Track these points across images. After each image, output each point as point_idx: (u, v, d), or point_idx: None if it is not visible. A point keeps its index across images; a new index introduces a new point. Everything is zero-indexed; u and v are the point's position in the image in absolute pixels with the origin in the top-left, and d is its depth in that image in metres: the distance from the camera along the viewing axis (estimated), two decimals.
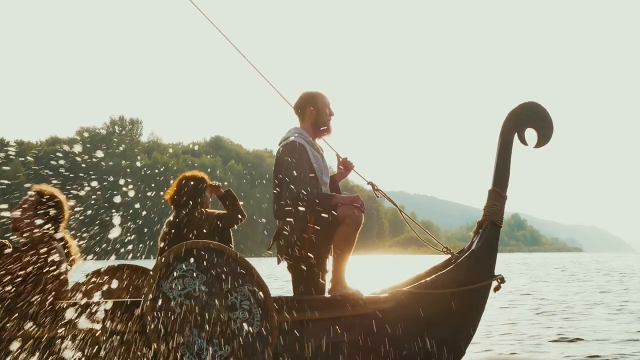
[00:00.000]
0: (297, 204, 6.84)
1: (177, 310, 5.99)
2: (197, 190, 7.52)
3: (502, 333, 11.29)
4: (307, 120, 7.23)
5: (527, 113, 7.39)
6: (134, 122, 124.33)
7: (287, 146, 7.04)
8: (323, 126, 7.23)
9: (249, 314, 6.20)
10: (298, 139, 7.05)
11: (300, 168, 6.89)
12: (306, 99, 7.27)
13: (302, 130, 7.18)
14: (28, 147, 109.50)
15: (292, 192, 6.84)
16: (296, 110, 7.31)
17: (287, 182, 6.88)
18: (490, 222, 7.40)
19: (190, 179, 7.56)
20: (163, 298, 5.98)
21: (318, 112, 7.21)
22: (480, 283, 7.23)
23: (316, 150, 7.15)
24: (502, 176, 7.42)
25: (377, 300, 6.90)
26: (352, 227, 6.78)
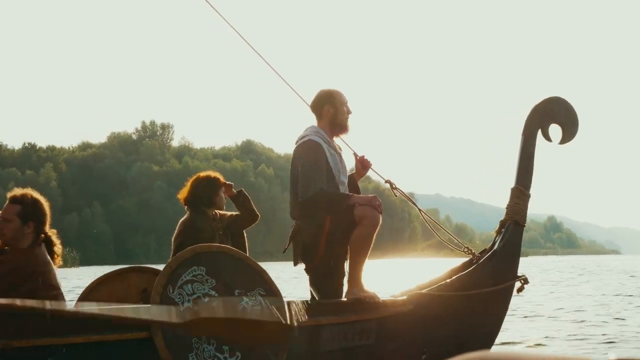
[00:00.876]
0: (312, 204, 6.65)
1: (185, 317, 5.78)
2: (211, 189, 7.34)
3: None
4: (324, 118, 7.02)
5: (551, 108, 7.18)
6: (165, 126, 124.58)
7: (303, 145, 6.86)
8: (341, 124, 7.03)
9: None
10: (314, 137, 6.86)
11: (316, 167, 6.69)
12: (323, 97, 7.06)
13: (319, 128, 6.98)
14: (60, 152, 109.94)
15: (307, 192, 6.65)
16: (313, 109, 7.10)
17: (302, 181, 6.70)
18: (513, 222, 7.18)
19: (205, 178, 7.39)
20: (171, 304, 5.77)
21: (336, 110, 7.00)
22: (502, 284, 7.02)
23: (333, 149, 6.95)
24: (526, 174, 7.22)
25: (395, 304, 6.68)
26: (369, 228, 6.56)
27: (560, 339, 10.21)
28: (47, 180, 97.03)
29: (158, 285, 5.78)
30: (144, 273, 6.89)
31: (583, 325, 11.82)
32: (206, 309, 5.82)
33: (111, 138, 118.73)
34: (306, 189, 6.65)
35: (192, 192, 7.33)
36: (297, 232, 6.84)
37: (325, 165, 6.77)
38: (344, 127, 7.06)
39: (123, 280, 6.90)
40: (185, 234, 7.12)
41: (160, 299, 5.75)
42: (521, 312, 14.07)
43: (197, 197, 7.30)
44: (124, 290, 6.76)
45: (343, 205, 6.59)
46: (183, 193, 7.38)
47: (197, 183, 7.36)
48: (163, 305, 5.74)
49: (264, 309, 5.98)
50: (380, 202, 6.62)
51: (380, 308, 6.56)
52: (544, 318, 13.14)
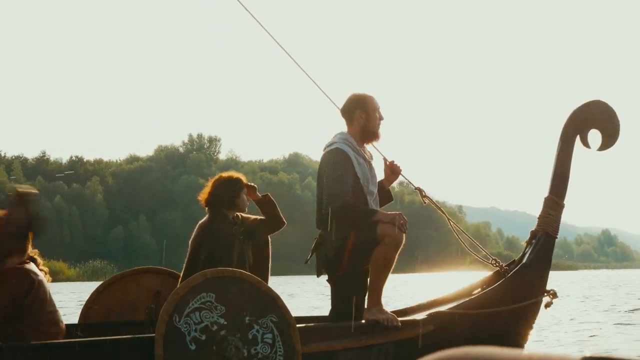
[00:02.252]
0: (336, 217, 6.37)
1: (192, 347, 5.43)
2: (232, 190, 6.90)
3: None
4: (355, 124, 6.72)
5: (592, 112, 6.79)
6: (212, 139, 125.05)
7: (330, 153, 6.58)
8: (372, 131, 6.73)
9: (271, 348, 5.65)
10: (342, 145, 6.57)
11: (342, 178, 6.42)
12: (355, 102, 6.75)
13: (347, 135, 6.69)
14: (107, 165, 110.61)
15: (331, 204, 6.37)
16: (344, 114, 6.80)
17: (327, 192, 6.44)
18: (545, 233, 6.81)
19: (226, 179, 6.98)
20: (176, 334, 5.44)
21: (368, 116, 6.69)
22: (530, 300, 6.64)
23: (362, 157, 6.65)
24: (561, 183, 6.84)
25: (415, 324, 6.33)
26: (390, 247, 6.25)
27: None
28: (94, 194, 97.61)
29: (164, 313, 5.46)
30: (158, 274, 6.63)
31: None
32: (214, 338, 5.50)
33: (158, 151, 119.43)
34: (331, 201, 6.38)
35: (213, 193, 6.91)
36: (321, 243, 6.59)
37: (353, 175, 6.49)
38: (375, 134, 6.76)
39: (136, 281, 6.65)
40: (202, 237, 6.73)
41: (165, 328, 5.41)
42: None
43: (217, 198, 6.87)
44: (136, 291, 6.50)
45: (367, 220, 6.30)
46: (203, 194, 6.96)
47: (218, 184, 6.94)
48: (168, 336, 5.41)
49: (276, 336, 5.63)
50: (405, 220, 6.30)
51: (399, 330, 6.22)
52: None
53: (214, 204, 6.86)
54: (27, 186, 5.92)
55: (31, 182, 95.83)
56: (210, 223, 6.79)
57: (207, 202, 6.90)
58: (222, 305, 5.55)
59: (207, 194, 6.91)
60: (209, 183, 6.99)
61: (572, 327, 13.15)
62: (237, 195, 6.88)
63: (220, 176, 7.03)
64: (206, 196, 6.90)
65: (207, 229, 6.75)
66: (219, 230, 6.70)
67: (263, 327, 5.63)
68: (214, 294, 5.55)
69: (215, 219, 6.79)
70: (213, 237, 6.65)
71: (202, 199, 6.91)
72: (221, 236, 6.66)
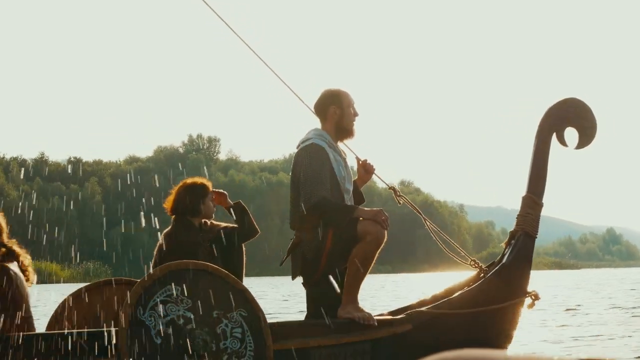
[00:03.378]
0: (314, 214, 6.21)
1: (157, 341, 5.33)
2: (197, 197, 6.69)
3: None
4: (329, 120, 6.56)
5: (567, 110, 6.70)
6: (212, 140, 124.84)
7: (305, 149, 6.40)
8: (347, 128, 6.56)
9: (240, 343, 5.53)
10: (318, 140, 6.40)
11: (320, 174, 6.24)
12: (329, 97, 6.59)
13: (322, 131, 6.53)
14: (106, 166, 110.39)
15: (309, 201, 6.20)
16: (317, 110, 6.64)
17: (304, 189, 6.25)
18: (524, 233, 6.67)
19: (190, 185, 6.76)
20: (141, 327, 5.32)
21: (342, 112, 6.54)
22: (510, 301, 6.51)
23: (338, 154, 6.50)
24: (538, 181, 6.73)
25: (391, 323, 6.21)
26: (371, 245, 6.09)
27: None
28: (92, 195, 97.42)
29: (127, 306, 5.33)
30: (127, 285, 6.49)
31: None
32: (181, 332, 5.39)
33: (157, 152, 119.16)
34: (308, 198, 6.21)
35: (176, 200, 6.70)
36: (297, 244, 6.40)
37: (330, 171, 6.33)
38: (350, 131, 6.60)
39: (104, 293, 6.54)
40: (165, 247, 6.54)
41: (129, 321, 5.30)
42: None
43: (181, 205, 6.67)
44: (104, 303, 6.34)
45: (347, 218, 6.14)
46: (168, 202, 6.77)
47: (181, 190, 6.73)
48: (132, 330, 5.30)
49: (245, 331, 5.53)
50: (386, 216, 6.14)
51: (375, 329, 6.09)
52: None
53: (177, 212, 6.69)
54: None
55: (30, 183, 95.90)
56: (174, 231, 6.63)
57: (171, 211, 6.73)
58: (188, 299, 5.43)
59: (171, 201, 6.74)
60: (173, 190, 6.81)
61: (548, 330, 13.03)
62: (202, 202, 6.69)
63: (184, 183, 6.82)
64: (170, 204, 6.74)
65: (170, 238, 6.59)
66: (183, 239, 6.53)
67: (232, 321, 5.51)
68: (180, 287, 5.42)
69: (179, 227, 6.63)
70: (176, 246, 6.47)
71: (167, 207, 6.75)
72: (185, 245, 6.48)
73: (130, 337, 5.27)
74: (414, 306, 6.78)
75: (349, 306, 6.14)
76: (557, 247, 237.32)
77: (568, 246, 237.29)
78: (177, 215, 6.70)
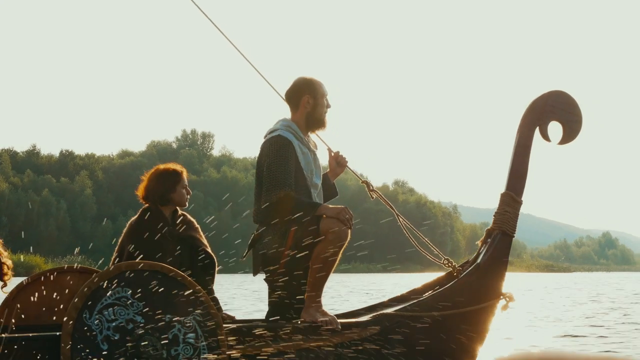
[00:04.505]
0: (275, 210, 5.90)
1: (104, 348, 4.99)
2: (167, 184, 6.23)
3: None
4: (301, 110, 6.23)
5: (551, 104, 6.36)
6: (205, 135, 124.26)
7: (270, 140, 6.08)
8: (318, 119, 6.24)
9: (193, 349, 5.21)
10: (284, 132, 6.08)
11: (283, 168, 5.94)
12: (302, 86, 6.25)
13: (291, 122, 6.20)
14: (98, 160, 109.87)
15: (270, 196, 5.90)
16: (289, 99, 6.30)
17: (267, 183, 5.94)
18: (501, 232, 6.34)
19: (161, 172, 6.32)
20: (86, 332, 4.98)
21: (315, 102, 6.21)
22: (484, 303, 6.19)
23: (306, 146, 6.18)
24: (518, 178, 6.39)
25: (357, 326, 5.87)
26: (334, 244, 5.77)
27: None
28: (82, 188, 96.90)
29: (72, 309, 4.99)
30: (81, 274, 6.05)
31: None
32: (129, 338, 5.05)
33: (150, 147, 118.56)
34: (270, 193, 5.91)
35: (147, 187, 6.27)
36: (257, 240, 6.08)
37: (295, 165, 6.02)
38: (322, 121, 6.28)
39: (57, 281, 6.11)
40: (127, 235, 6.13)
41: (73, 326, 4.95)
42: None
43: (150, 192, 6.24)
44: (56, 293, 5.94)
45: (309, 214, 5.83)
46: (140, 189, 6.33)
47: (152, 177, 6.29)
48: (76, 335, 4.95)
49: (199, 336, 5.19)
50: (351, 215, 5.83)
51: (339, 333, 5.76)
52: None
53: (147, 200, 6.28)
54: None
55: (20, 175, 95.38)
56: (139, 219, 6.21)
57: (142, 198, 6.31)
58: (139, 302, 5.12)
59: (142, 189, 6.30)
60: (145, 177, 6.37)
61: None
62: (172, 190, 6.24)
63: (156, 169, 6.39)
64: (141, 191, 6.31)
65: (134, 226, 6.16)
66: (147, 228, 6.09)
67: (185, 326, 5.20)
68: (130, 289, 5.11)
69: (145, 216, 6.20)
70: (139, 235, 6.06)
71: (139, 194, 6.33)
72: (148, 234, 6.06)
73: (74, 343, 4.93)
74: (382, 306, 6.45)
75: (312, 308, 5.83)
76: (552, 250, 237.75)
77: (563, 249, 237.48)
78: (147, 203, 6.28)
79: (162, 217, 6.20)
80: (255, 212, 6.10)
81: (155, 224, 6.14)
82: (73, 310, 4.97)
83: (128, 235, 6.15)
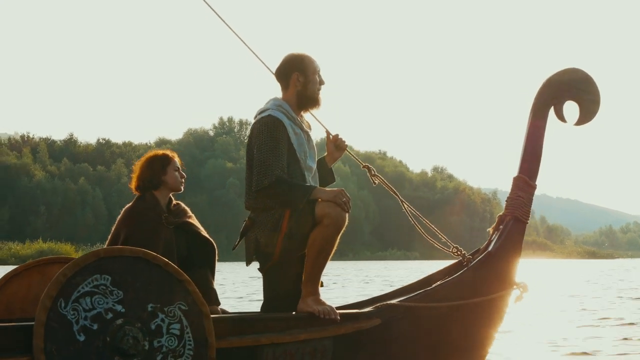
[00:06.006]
0: (268, 195, 5.58)
1: (80, 338, 4.68)
2: (156, 168, 5.98)
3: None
4: (291, 89, 5.87)
5: (567, 82, 6.02)
6: (242, 123, 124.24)
7: (261, 121, 5.72)
8: (311, 97, 5.88)
9: (178, 340, 4.89)
10: (275, 112, 5.71)
11: (275, 149, 5.58)
12: (291, 63, 5.89)
13: (282, 101, 5.84)
14: (135, 148, 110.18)
15: (262, 180, 5.55)
16: (278, 77, 5.94)
17: (257, 166, 5.60)
18: (514, 218, 5.99)
19: (149, 158, 6.07)
20: (61, 322, 4.67)
21: (306, 79, 5.85)
22: (495, 293, 5.84)
23: (299, 126, 5.82)
24: (532, 161, 6.05)
25: (357, 318, 5.53)
26: (330, 229, 5.43)
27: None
28: (119, 176, 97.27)
29: (46, 298, 4.68)
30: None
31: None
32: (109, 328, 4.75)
33: (187, 134, 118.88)
34: (261, 177, 5.56)
35: (139, 175, 6.01)
36: (250, 227, 5.73)
37: (287, 146, 5.68)
38: (315, 100, 5.91)
39: (42, 272, 5.90)
40: (122, 221, 5.87)
41: (47, 315, 4.65)
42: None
43: (143, 180, 5.98)
44: (42, 284, 5.67)
45: (303, 199, 5.49)
46: (132, 181, 6.06)
47: (141, 165, 6.05)
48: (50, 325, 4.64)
49: (185, 327, 4.88)
50: (348, 197, 5.48)
51: (338, 324, 5.41)
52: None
53: (141, 188, 6.00)
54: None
55: (57, 164, 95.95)
56: (133, 206, 5.95)
57: (135, 188, 6.03)
58: (119, 290, 4.79)
59: (134, 178, 6.04)
60: (135, 167, 6.09)
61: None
62: (163, 172, 5.97)
63: (145, 156, 6.14)
64: (134, 181, 6.04)
65: (128, 212, 5.92)
66: (141, 213, 5.85)
67: (170, 316, 4.88)
68: (110, 277, 4.78)
69: (139, 202, 5.95)
70: (133, 220, 5.82)
71: (132, 186, 6.05)
72: (143, 220, 5.81)
73: (47, 333, 4.63)
74: (386, 297, 6.12)
75: (309, 298, 5.49)
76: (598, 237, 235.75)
77: (608, 235, 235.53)
78: (141, 191, 6.00)
79: (157, 204, 5.95)
80: (247, 197, 5.77)
81: (150, 210, 5.89)
82: (47, 299, 4.66)
83: (122, 222, 5.90)
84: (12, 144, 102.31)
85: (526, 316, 12.88)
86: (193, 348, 4.89)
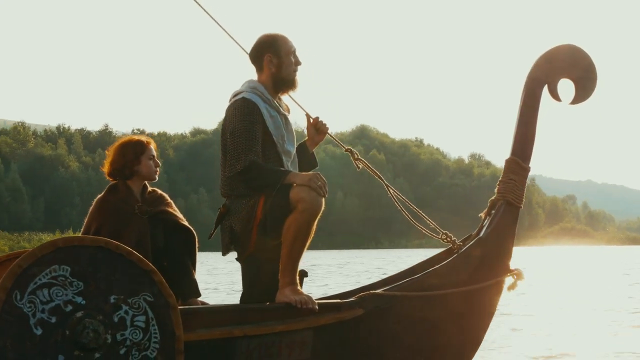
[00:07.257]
0: (241, 181, 5.37)
1: (37, 332, 4.46)
2: (128, 156, 5.72)
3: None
4: (265, 71, 5.64)
5: (562, 59, 5.77)
6: None
7: (235, 104, 5.50)
8: (286, 78, 5.65)
9: (143, 333, 4.66)
10: (250, 95, 5.49)
11: (248, 133, 5.36)
12: (263, 44, 5.67)
13: (257, 83, 5.61)
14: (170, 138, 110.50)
15: (235, 165, 5.34)
16: (252, 59, 5.73)
17: (231, 151, 5.39)
18: (506, 202, 5.75)
19: (122, 144, 5.82)
20: (16, 315, 4.45)
21: (280, 61, 5.62)
22: (487, 281, 5.59)
23: (275, 109, 5.58)
24: (525, 142, 5.82)
25: (338, 308, 5.29)
26: (305, 215, 5.18)
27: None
28: None
29: (0, 291, 4.45)
30: None
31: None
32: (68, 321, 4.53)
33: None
34: (234, 161, 5.35)
35: (110, 162, 5.77)
36: (225, 215, 5.53)
37: (263, 130, 5.45)
38: (291, 81, 5.69)
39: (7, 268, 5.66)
40: (92, 213, 5.66)
41: (1, 308, 4.43)
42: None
43: (114, 167, 5.75)
44: None
45: (277, 183, 5.26)
46: (104, 165, 5.82)
47: (114, 150, 5.79)
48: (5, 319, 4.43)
49: (150, 319, 4.66)
50: (324, 182, 5.23)
51: (317, 314, 5.17)
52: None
53: (112, 175, 5.77)
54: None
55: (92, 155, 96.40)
56: (105, 196, 5.72)
57: (108, 174, 5.80)
58: (79, 281, 4.56)
59: (106, 164, 5.80)
60: (109, 152, 5.83)
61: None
62: (137, 162, 5.73)
63: (119, 141, 5.89)
64: (107, 168, 5.80)
65: (99, 203, 5.69)
66: (115, 205, 5.62)
67: (134, 307, 4.64)
68: (69, 267, 4.54)
69: (111, 192, 5.72)
70: (104, 212, 5.60)
71: (105, 171, 5.82)
72: (114, 211, 5.59)
73: (1, 328, 4.42)
74: (372, 287, 5.86)
75: (287, 289, 5.24)
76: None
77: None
78: (113, 178, 5.77)
79: (130, 193, 5.72)
80: (221, 184, 5.57)
81: (123, 200, 5.66)
82: (1, 291, 4.46)
83: (93, 214, 5.68)
84: (48, 135, 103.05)
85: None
86: (159, 341, 4.66)
